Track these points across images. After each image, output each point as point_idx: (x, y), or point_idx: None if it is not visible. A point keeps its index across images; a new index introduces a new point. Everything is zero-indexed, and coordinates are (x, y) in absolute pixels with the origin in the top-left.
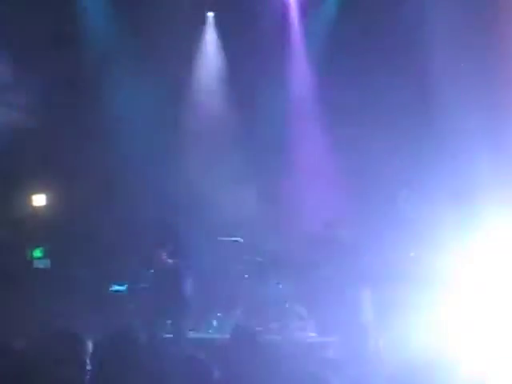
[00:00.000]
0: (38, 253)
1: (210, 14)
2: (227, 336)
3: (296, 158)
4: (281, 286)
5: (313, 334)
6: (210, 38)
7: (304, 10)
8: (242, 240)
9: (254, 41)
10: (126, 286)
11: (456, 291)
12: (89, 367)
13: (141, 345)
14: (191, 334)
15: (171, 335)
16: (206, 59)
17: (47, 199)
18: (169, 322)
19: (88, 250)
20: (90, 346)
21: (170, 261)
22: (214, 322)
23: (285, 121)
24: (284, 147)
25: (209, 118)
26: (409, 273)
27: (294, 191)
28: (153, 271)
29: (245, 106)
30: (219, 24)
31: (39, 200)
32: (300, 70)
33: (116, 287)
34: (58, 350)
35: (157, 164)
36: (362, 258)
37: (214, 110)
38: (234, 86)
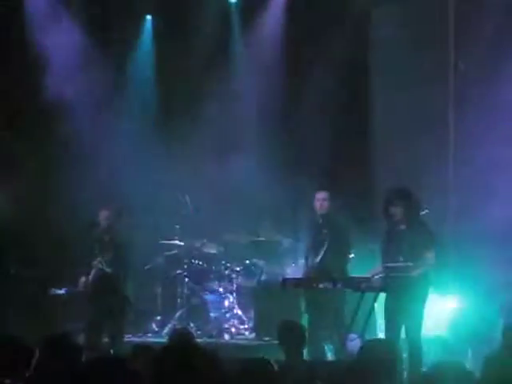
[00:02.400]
0: None
1: (148, 17)
2: (165, 340)
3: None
4: (221, 290)
5: (252, 337)
6: (147, 40)
7: (249, 15)
8: (182, 243)
9: (192, 44)
10: (64, 289)
11: None
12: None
13: (79, 349)
14: (130, 338)
15: (107, 340)
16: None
17: None
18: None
19: (26, 253)
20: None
21: (108, 270)
22: (153, 326)
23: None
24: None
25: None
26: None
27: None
28: (92, 276)
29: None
30: (158, 27)
31: None
32: (240, 71)
33: (55, 291)
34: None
35: (96, 164)
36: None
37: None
38: (169, 87)
